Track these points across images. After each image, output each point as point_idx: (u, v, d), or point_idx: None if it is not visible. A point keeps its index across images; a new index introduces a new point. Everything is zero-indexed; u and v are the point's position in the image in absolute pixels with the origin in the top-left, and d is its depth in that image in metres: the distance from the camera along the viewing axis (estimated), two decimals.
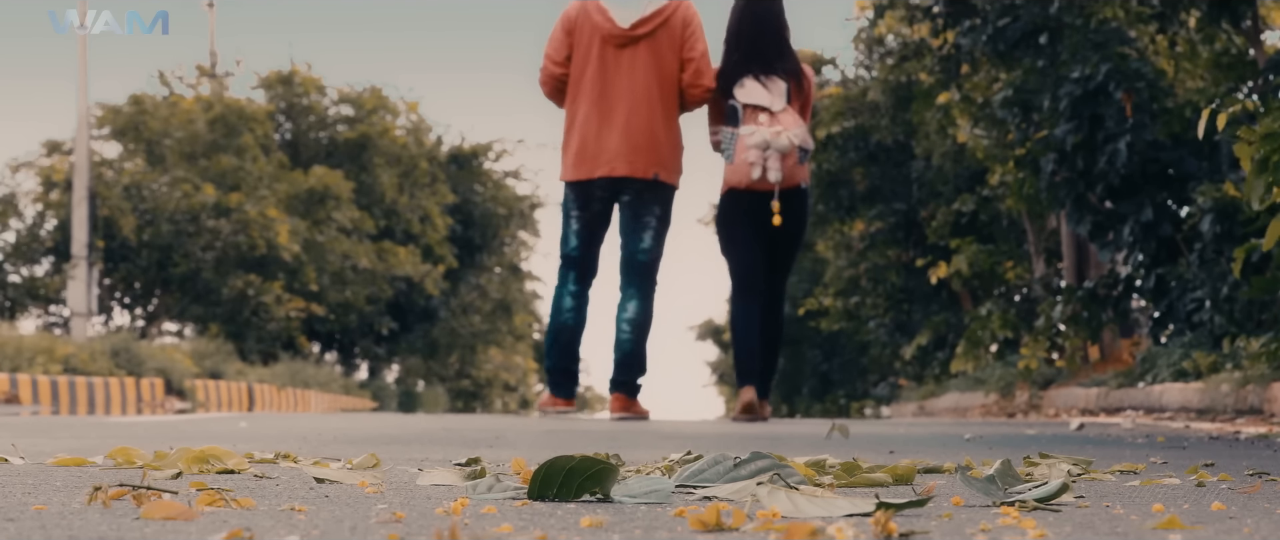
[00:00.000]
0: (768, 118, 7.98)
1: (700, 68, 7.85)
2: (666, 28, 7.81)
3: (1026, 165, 14.65)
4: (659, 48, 7.80)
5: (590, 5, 7.88)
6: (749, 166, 7.91)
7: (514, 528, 1.87)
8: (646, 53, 7.79)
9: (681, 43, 7.81)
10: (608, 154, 7.75)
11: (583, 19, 7.87)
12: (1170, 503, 2.37)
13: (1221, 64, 14.09)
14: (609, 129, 7.76)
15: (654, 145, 7.78)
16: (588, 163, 7.81)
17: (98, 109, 32.97)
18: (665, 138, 7.83)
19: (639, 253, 7.94)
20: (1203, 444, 5.18)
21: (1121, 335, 16.60)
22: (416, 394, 43.19)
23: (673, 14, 7.82)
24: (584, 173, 7.82)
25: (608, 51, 7.80)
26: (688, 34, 7.82)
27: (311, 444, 4.63)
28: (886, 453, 4.24)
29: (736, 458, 2.54)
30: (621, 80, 7.77)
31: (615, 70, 7.79)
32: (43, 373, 17.57)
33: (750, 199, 8.07)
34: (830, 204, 26.26)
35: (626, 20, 7.79)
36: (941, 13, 16.19)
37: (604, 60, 7.80)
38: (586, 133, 7.80)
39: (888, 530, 1.78)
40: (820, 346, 37.96)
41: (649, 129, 7.76)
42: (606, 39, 7.81)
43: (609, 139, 7.75)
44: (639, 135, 7.75)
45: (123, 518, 1.97)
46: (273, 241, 31.25)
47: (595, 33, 7.83)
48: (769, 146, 7.87)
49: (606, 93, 7.78)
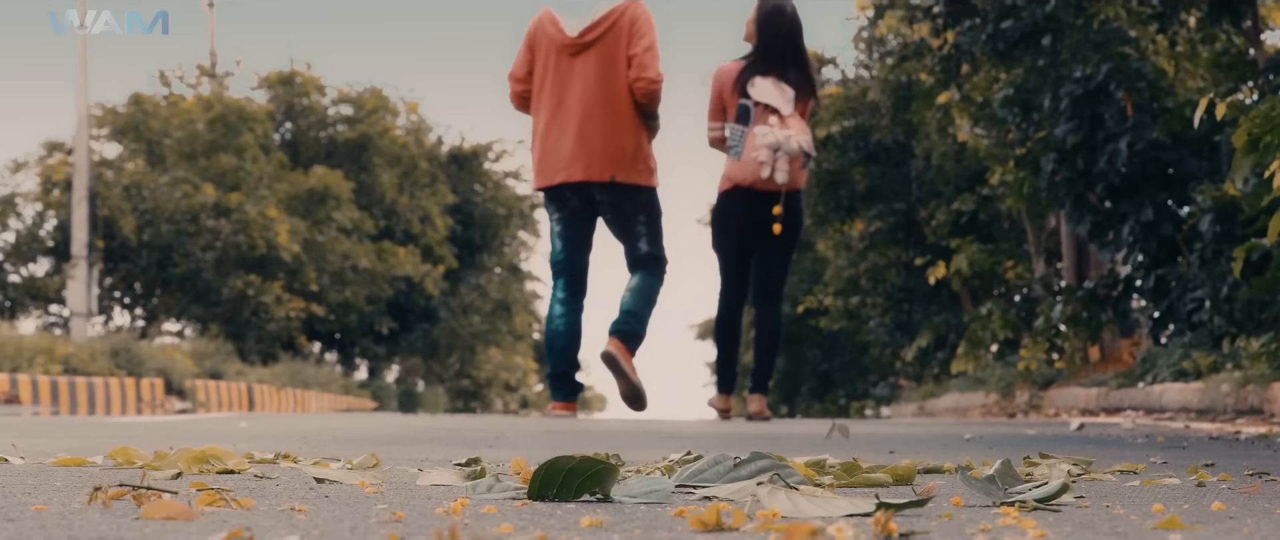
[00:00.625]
0: (778, 120, 8.11)
1: (642, 62, 7.90)
2: (614, 31, 7.94)
3: (1026, 165, 14.64)
4: (608, 52, 7.93)
5: (545, 17, 8.07)
6: (759, 165, 8.02)
7: (514, 528, 1.87)
8: (596, 58, 7.93)
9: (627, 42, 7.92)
10: (564, 159, 7.90)
11: (540, 31, 8.06)
12: (1170, 503, 2.37)
13: (1222, 64, 14.09)
14: (565, 135, 7.91)
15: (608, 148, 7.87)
16: (548, 170, 7.96)
17: (98, 109, 32.97)
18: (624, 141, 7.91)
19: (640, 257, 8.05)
20: (1203, 444, 5.18)
21: (1121, 335, 16.60)
22: (416, 394, 43.20)
23: (620, 17, 7.94)
24: (546, 179, 7.98)
25: (562, 60, 7.98)
26: (633, 32, 7.92)
27: (311, 444, 4.63)
28: (887, 453, 4.24)
29: (736, 458, 2.54)
30: (574, 87, 7.93)
31: (569, 78, 7.95)
32: (43, 373, 17.56)
33: (753, 199, 8.16)
34: (830, 204, 26.26)
35: (575, 29, 7.97)
36: (942, 13, 16.19)
37: (558, 69, 7.97)
38: (547, 141, 7.97)
39: (888, 530, 1.78)
40: (820, 346, 37.95)
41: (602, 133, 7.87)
42: (560, 48, 7.98)
43: (565, 145, 7.90)
44: (593, 140, 7.86)
45: (123, 518, 1.97)
46: (273, 241, 31.25)
47: (551, 44, 8.01)
48: (780, 148, 8.00)
49: (562, 100, 7.95)
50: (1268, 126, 5.54)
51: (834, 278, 28.25)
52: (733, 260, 8.35)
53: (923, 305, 25.92)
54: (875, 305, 27.10)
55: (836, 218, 26.58)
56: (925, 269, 24.29)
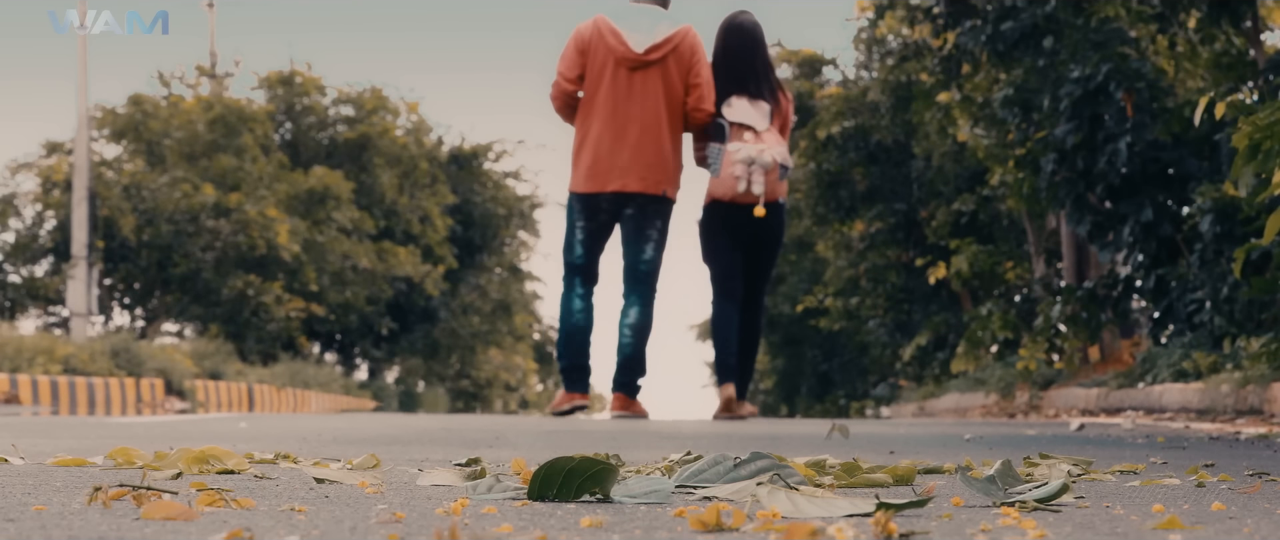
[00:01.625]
0: (753, 135, 8.49)
1: (704, 93, 8.32)
2: (676, 54, 8.26)
3: (1026, 165, 14.65)
4: (669, 72, 8.25)
5: (604, 27, 8.28)
6: (734, 180, 8.41)
7: (514, 528, 1.87)
8: (658, 76, 8.24)
9: (689, 69, 8.28)
10: (619, 170, 8.23)
11: (597, 40, 8.27)
12: (1170, 503, 2.37)
13: (1222, 64, 14.08)
14: (622, 146, 8.22)
15: (663, 163, 8.27)
16: (600, 177, 8.27)
17: (98, 110, 32.97)
18: (672, 156, 8.34)
19: (641, 263, 8.39)
20: (1203, 444, 5.18)
21: (1121, 336, 16.60)
22: (416, 394, 43.20)
23: (682, 41, 8.27)
24: (596, 186, 8.28)
25: (621, 73, 8.24)
26: (695, 61, 8.28)
27: (311, 444, 4.63)
28: (887, 453, 4.24)
29: (736, 458, 2.55)
30: (634, 101, 8.22)
31: (628, 91, 8.23)
32: (43, 373, 17.57)
33: (732, 211, 8.57)
34: (830, 204, 26.26)
35: (640, 45, 8.24)
36: (942, 13, 16.19)
37: (617, 81, 8.24)
38: (599, 149, 8.25)
39: (888, 530, 1.78)
40: (820, 346, 37.95)
41: (658, 148, 8.24)
42: (620, 61, 8.24)
43: (621, 156, 8.22)
44: (650, 154, 8.22)
45: (123, 518, 1.97)
46: (273, 242, 31.25)
47: (609, 55, 8.25)
48: (754, 162, 8.37)
49: (619, 112, 8.23)
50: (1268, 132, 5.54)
51: (834, 278, 28.25)
52: (722, 268, 8.76)
53: (922, 305, 25.92)
54: (875, 306, 27.10)
55: (836, 218, 26.58)
56: (925, 269, 24.29)
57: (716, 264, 8.80)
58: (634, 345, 8.40)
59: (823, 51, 28.14)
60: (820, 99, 26.21)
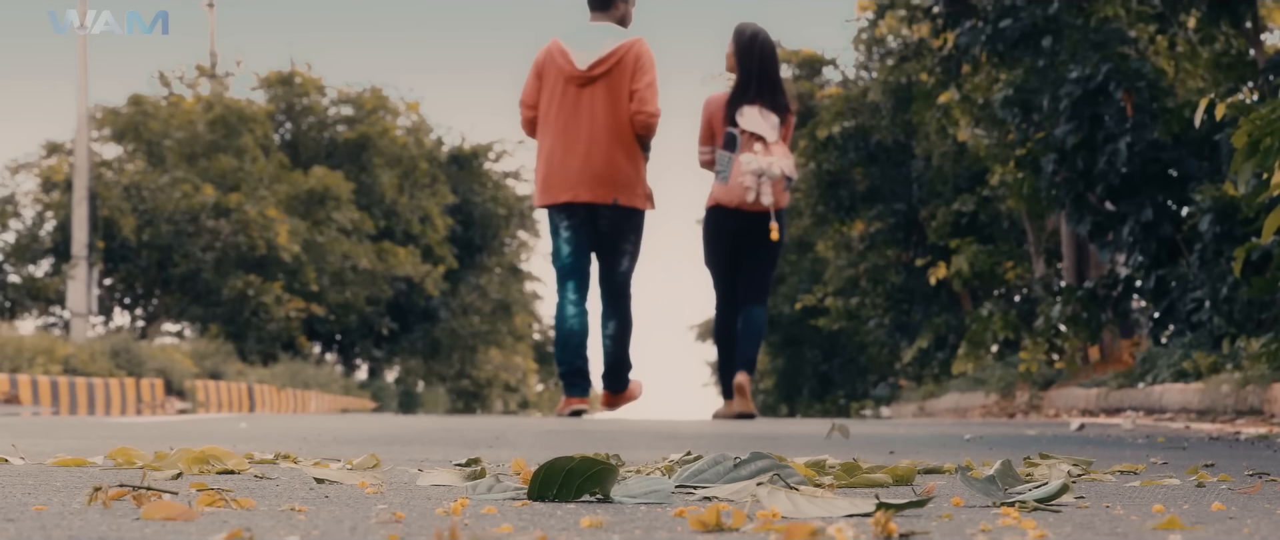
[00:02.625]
0: (763, 147, 8.77)
1: (643, 96, 8.56)
2: (620, 66, 8.57)
3: (1027, 165, 14.65)
4: (614, 85, 8.57)
5: (555, 49, 8.66)
6: (744, 190, 8.70)
7: (514, 528, 1.88)
8: (603, 90, 8.57)
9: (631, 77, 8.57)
10: (570, 182, 8.55)
11: (548, 62, 8.67)
12: (1170, 503, 2.37)
13: (1222, 64, 14.09)
14: (571, 159, 8.56)
15: (612, 174, 8.54)
16: (554, 190, 8.61)
17: (98, 110, 32.98)
18: (626, 166, 8.58)
19: (616, 275, 8.72)
20: (1203, 444, 5.19)
21: (1121, 336, 16.60)
22: (416, 394, 43.21)
23: (626, 53, 8.58)
24: (551, 198, 8.63)
25: (570, 90, 8.60)
26: (637, 68, 8.57)
27: (311, 444, 4.63)
28: (887, 453, 4.25)
29: (736, 458, 2.55)
30: (582, 116, 8.56)
31: (576, 107, 8.57)
32: (43, 373, 17.57)
33: (733, 216, 8.85)
34: (830, 204, 26.27)
35: (584, 62, 8.58)
36: (942, 13, 16.19)
37: (567, 98, 8.60)
38: (552, 163, 8.62)
39: (888, 530, 1.78)
40: (820, 347, 37.96)
41: (607, 159, 8.53)
42: (569, 79, 8.60)
43: (571, 168, 8.56)
44: (598, 165, 8.53)
45: (123, 518, 1.97)
46: (273, 242, 31.26)
47: (560, 74, 8.62)
48: (764, 174, 8.68)
49: (569, 127, 8.57)
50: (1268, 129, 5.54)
51: (834, 278, 28.26)
52: (723, 272, 9.03)
53: (922, 305, 25.93)
54: (875, 306, 27.11)
55: (836, 218, 26.59)
56: (925, 269, 24.30)
57: (717, 269, 9.07)
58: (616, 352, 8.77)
59: (823, 52, 28.14)
60: (820, 99, 26.22)
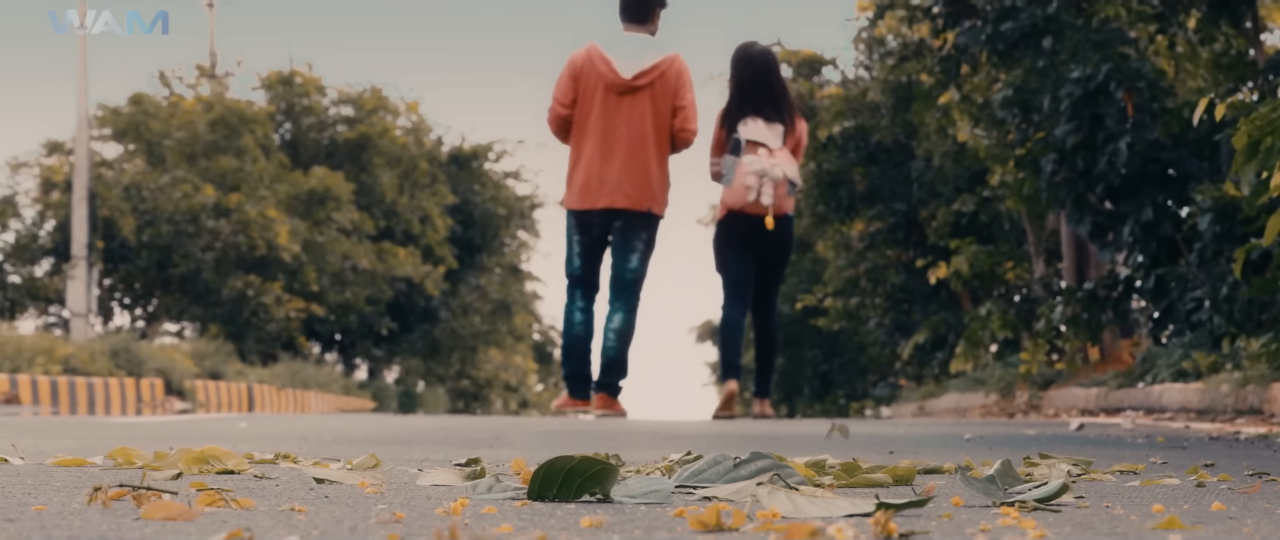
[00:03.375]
0: (766, 152, 9.15)
1: (688, 115, 8.94)
2: (663, 80, 8.87)
3: (1027, 165, 14.65)
4: (655, 97, 8.87)
5: (595, 55, 8.90)
6: (745, 190, 9.03)
7: (514, 528, 1.88)
8: (645, 101, 8.86)
9: (674, 93, 8.90)
10: (608, 188, 8.84)
11: (588, 67, 8.89)
12: (1170, 503, 2.37)
13: (1221, 64, 14.09)
14: (610, 166, 8.84)
15: (648, 182, 8.87)
16: (591, 195, 8.89)
17: (99, 109, 33.00)
18: (658, 175, 8.93)
19: (627, 271, 8.99)
20: (1202, 444, 5.19)
21: (1121, 336, 16.60)
22: (416, 394, 43.21)
23: (668, 68, 8.89)
24: (587, 203, 8.90)
25: (610, 98, 8.86)
26: (680, 85, 8.91)
27: (311, 444, 4.64)
28: (886, 453, 4.25)
29: (736, 458, 2.55)
30: (622, 124, 8.85)
31: (617, 114, 8.85)
32: (43, 373, 17.58)
33: (744, 222, 9.21)
34: (830, 204, 26.27)
35: (629, 71, 8.85)
36: (941, 13, 16.19)
37: (607, 105, 8.86)
38: (590, 169, 8.88)
39: (888, 530, 1.78)
40: (820, 347, 37.98)
41: (645, 167, 8.85)
42: (609, 86, 8.86)
43: (610, 175, 8.84)
44: (637, 173, 8.84)
45: (123, 518, 1.97)
46: (273, 242, 31.27)
47: (600, 81, 8.86)
48: (765, 174, 9.02)
49: (608, 134, 8.85)
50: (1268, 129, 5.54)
51: (833, 278, 28.26)
52: (733, 275, 9.38)
53: (922, 305, 25.94)
54: (875, 306, 27.12)
55: (836, 218, 26.59)
56: (925, 269, 24.30)
57: (728, 271, 9.40)
58: (617, 348, 8.97)
59: (823, 52, 28.12)
60: (820, 99, 26.22)
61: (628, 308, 9.02)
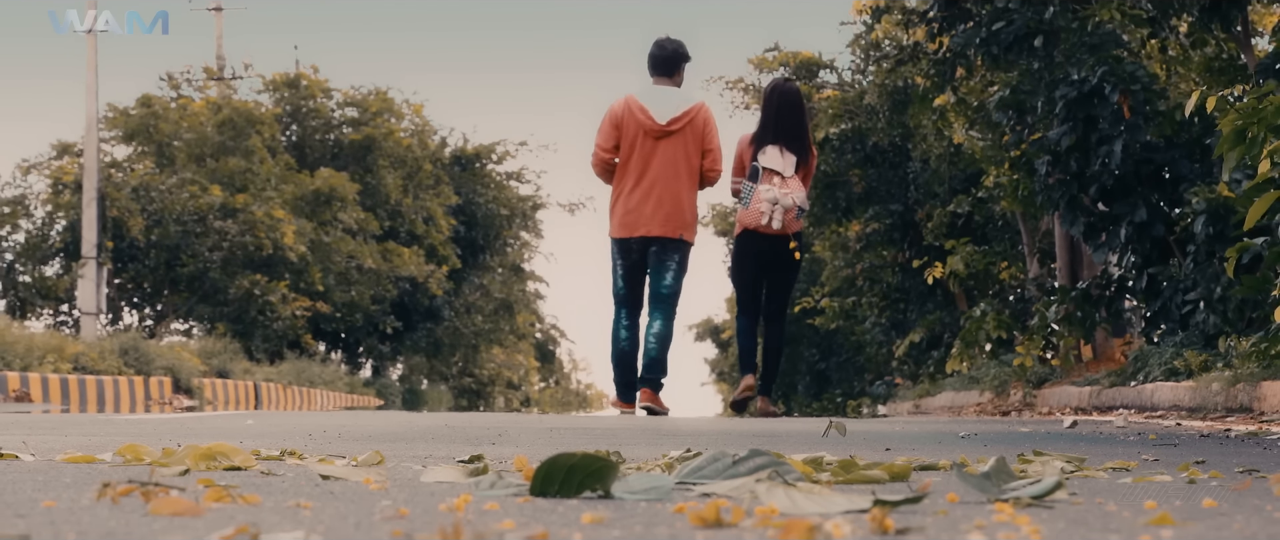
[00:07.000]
0: (779, 181, 10.16)
1: (716, 157, 10.19)
2: (692, 125, 10.08)
3: (1021, 167, 14.67)
4: (685, 140, 10.09)
5: (633, 105, 10.11)
6: (759, 213, 10.12)
7: (516, 524, 1.89)
8: (677, 143, 10.08)
9: (702, 137, 10.13)
10: (645, 219, 10.06)
11: (628, 116, 10.10)
12: (1162, 499, 2.38)
13: (1213, 68, 14.09)
14: (648, 200, 10.07)
15: (680, 213, 10.07)
16: (631, 225, 10.10)
17: (108, 111, 33.00)
18: (688, 207, 10.14)
19: (663, 287, 10.16)
20: (1194, 442, 5.20)
21: (1114, 335, 16.59)
22: (420, 392, 43.18)
23: (697, 115, 10.11)
24: (628, 232, 10.11)
25: (647, 141, 10.08)
26: (707, 131, 10.16)
27: (317, 441, 4.66)
28: (883, 450, 4.26)
29: (735, 455, 2.56)
30: (657, 163, 10.07)
31: (653, 156, 10.07)
32: (53, 371, 17.60)
33: (758, 239, 10.25)
34: (827, 205, 26.22)
35: (663, 118, 10.06)
36: (937, 17, 16.16)
37: (644, 148, 10.08)
38: (630, 202, 10.10)
39: (884, 526, 1.80)
40: (817, 345, 37.95)
41: (677, 200, 10.06)
42: (647, 132, 10.06)
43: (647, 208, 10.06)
44: (669, 206, 10.06)
45: (131, 514, 1.99)
46: (279, 242, 31.26)
47: (639, 127, 10.07)
48: (777, 202, 10.09)
49: (646, 172, 10.08)
50: (1254, 118, 5.56)
51: (830, 278, 28.23)
52: (746, 287, 10.44)
53: (918, 305, 25.92)
54: (871, 305, 27.10)
55: (833, 219, 26.56)
56: (921, 269, 24.28)
57: (741, 282, 10.47)
58: (658, 350, 10.11)
59: (820, 54, 28.07)
60: (817, 101, 26.19)
61: (665, 317, 10.19)
